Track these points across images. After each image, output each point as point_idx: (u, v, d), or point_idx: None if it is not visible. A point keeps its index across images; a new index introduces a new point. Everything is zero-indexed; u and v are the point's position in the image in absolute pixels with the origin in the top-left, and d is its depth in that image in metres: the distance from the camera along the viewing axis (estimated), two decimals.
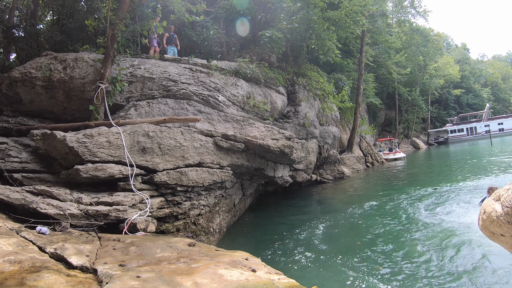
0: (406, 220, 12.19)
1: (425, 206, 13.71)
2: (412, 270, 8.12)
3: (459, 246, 9.18)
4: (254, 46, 20.93)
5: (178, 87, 12.53)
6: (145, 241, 6.82)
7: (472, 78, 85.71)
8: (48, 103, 11.91)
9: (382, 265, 8.56)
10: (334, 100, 25.15)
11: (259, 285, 4.46)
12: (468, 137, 70.29)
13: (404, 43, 48.85)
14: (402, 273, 8.00)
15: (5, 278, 4.10)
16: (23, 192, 7.83)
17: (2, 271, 4.30)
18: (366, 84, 37.58)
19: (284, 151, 13.34)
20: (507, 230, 2.81)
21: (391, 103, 58.64)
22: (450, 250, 8.99)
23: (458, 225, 10.79)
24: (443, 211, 12.60)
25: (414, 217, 12.36)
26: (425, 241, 9.87)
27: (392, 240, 10.35)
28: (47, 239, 6.12)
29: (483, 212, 3.13)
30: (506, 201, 2.67)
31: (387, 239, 10.54)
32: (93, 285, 4.34)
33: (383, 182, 22.76)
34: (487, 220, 3.05)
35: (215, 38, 21.08)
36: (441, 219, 11.66)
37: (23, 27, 16.25)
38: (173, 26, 16.85)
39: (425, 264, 8.38)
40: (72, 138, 8.72)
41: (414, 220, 12.08)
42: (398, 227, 11.61)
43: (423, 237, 10.22)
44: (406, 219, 12.29)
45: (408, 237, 10.43)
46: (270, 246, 10.79)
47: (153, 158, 9.90)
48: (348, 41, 33.48)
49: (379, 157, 36.78)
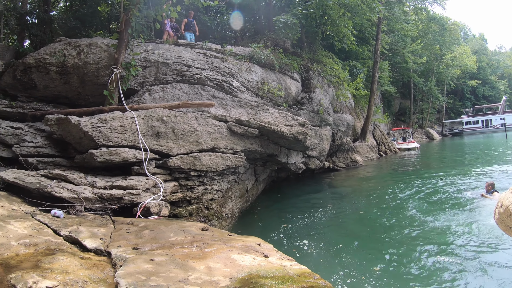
0: (415, 210, 12.03)
1: (436, 196, 13.57)
2: (419, 262, 7.98)
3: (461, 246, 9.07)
4: (268, 31, 20.71)
5: (192, 72, 12.47)
6: (159, 225, 6.83)
7: (489, 69, 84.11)
8: (62, 88, 11.97)
9: (387, 254, 8.47)
10: (348, 87, 24.90)
11: (271, 270, 4.43)
12: (483, 130, 69.20)
13: (420, 32, 48.09)
14: (407, 264, 7.90)
15: (20, 260, 4.13)
16: (38, 176, 7.88)
17: (17, 254, 4.34)
18: (381, 72, 37.05)
19: (297, 138, 13.25)
20: None
21: (406, 92, 57.89)
22: (458, 246, 8.82)
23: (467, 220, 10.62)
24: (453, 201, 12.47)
25: (423, 208, 12.22)
26: (432, 234, 9.69)
27: (402, 230, 10.22)
28: (62, 222, 6.16)
29: (500, 205, 3.03)
30: None
31: (397, 228, 10.43)
32: (107, 268, 4.36)
33: (396, 172, 22.55)
34: (504, 213, 2.96)
35: (229, 23, 20.93)
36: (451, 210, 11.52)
37: (37, 14, 16.29)
38: (193, 12, 16.74)
39: (435, 256, 8.25)
40: (86, 122, 8.73)
41: (423, 210, 11.93)
42: (407, 217, 11.44)
43: (430, 229, 10.03)
44: (415, 209, 12.14)
45: (417, 228, 10.28)
46: (280, 231, 10.76)
47: (167, 143, 9.90)
48: (364, 28, 32.93)
49: (393, 146, 36.41)
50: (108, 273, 4.20)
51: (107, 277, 4.06)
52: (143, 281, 3.73)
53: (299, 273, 4.45)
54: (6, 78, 11.82)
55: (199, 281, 3.94)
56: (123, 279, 3.74)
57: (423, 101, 63.13)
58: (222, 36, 20.54)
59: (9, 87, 11.90)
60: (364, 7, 22.09)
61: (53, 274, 3.71)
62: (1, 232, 4.83)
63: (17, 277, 3.53)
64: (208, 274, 4.21)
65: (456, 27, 63.15)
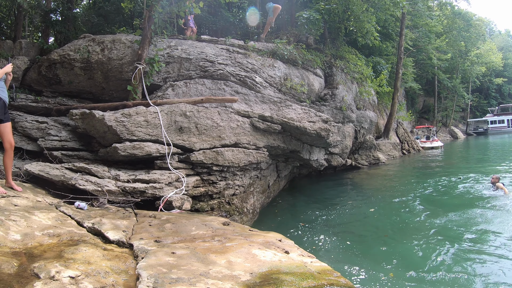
0: (437, 210, 11.78)
1: (457, 195, 13.31)
2: (443, 264, 7.76)
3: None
4: (291, 27, 20.59)
5: (215, 67, 12.47)
6: (181, 218, 6.84)
7: None
8: (86, 83, 12.14)
9: (401, 257, 8.29)
10: (372, 84, 24.57)
11: (292, 267, 4.37)
12: (508, 129, 67.76)
13: (445, 27, 47.07)
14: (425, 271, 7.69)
15: (44, 250, 4.17)
16: (63, 169, 8.00)
17: (41, 244, 4.38)
18: (405, 68, 36.47)
19: (320, 134, 13.14)
20: None
21: (430, 90, 57.02)
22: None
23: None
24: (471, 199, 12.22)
25: (445, 207, 11.98)
26: (457, 233, 9.49)
27: (423, 231, 9.96)
28: (85, 214, 6.22)
29: None
30: None
31: (419, 229, 10.18)
32: (129, 260, 4.37)
33: (419, 171, 22.20)
34: None
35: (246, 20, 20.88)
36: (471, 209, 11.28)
37: (60, 11, 16.58)
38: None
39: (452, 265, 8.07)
40: (110, 117, 8.82)
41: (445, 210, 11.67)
42: (429, 217, 11.17)
43: (452, 234, 9.66)
44: (437, 209, 11.90)
45: (439, 227, 10.05)
46: (300, 228, 10.71)
47: (190, 138, 9.92)
48: (387, 24, 32.48)
49: (416, 145, 35.85)
50: (130, 264, 4.21)
51: (129, 269, 4.07)
52: (164, 274, 3.72)
53: (319, 270, 4.38)
54: (32, 74, 12.03)
55: (220, 275, 3.91)
56: (145, 271, 3.74)
57: (447, 99, 62.07)
58: (244, 32, 20.48)
59: (34, 83, 12.11)
60: (388, 2, 21.77)
61: (76, 264, 3.73)
62: (25, 222, 4.89)
63: (40, 266, 3.56)
64: (229, 268, 4.18)
65: (481, 23, 61.50)
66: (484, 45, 64.73)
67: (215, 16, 20.14)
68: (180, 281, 3.58)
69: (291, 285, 3.68)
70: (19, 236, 4.44)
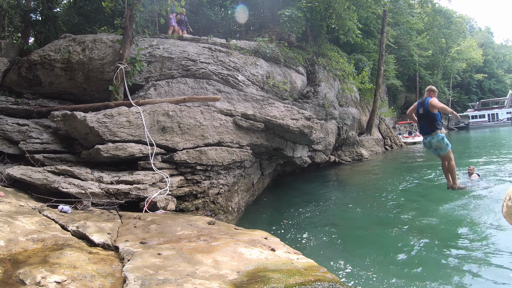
0: (417, 202, 12.07)
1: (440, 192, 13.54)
2: (422, 256, 7.92)
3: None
4: (273, 25, 20.62)
5: (197, 66, 12.45)
6: (166, 219, 6.85)
7: (495, 63, 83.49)
8: (67, 84, 11.97)
9: (386, 250, 8.43)
10: (354, 81, 24.74)
11: (279, 264, 4.43)
12: (489, 124, 69.01)
13: (426, 25, 47.55)
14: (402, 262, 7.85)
15: (28, 256, 4.15)
16: (45, 172, 7.93)
17: (25, 249, 4.36)
18: (387, 65, 36.83)
19: (303, 131, 13.21)
20: None
21: (411, 86, 57.52)
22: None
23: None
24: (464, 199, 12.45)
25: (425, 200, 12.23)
26: (435, 225, 9.73)
27: (404, 224, 10.18)
28: (69, 217, 6.19)
29: (508, 198, 3.00)
30: None
31: (400, 222, 10.38)
32: (115, 262, 4.37)
33: (401, 166, 22.46)
34: None
35: (233, 17, 20.86)
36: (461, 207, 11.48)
37: (40, 11, 16.29)
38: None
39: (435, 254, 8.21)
40: (92, 118, 8.75)
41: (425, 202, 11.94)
42: (409, 210, 11.41)
43: (432, 227, 9.85)
44: (417, 201, 12.17)
45: (419, 219, 10.29)
46: (285, 225, 10.80)
47: (173, 137, 9.90)
48: (369, 21, 32.71)
49: (398, 140, 36.27)
50: (116, 267, 4.21)
51: (115, 271, 4.08)
52: (151, 275, 3.74)
53: (306, 267, 4.44)
54: (11, 75, 11.81)
55: (207, 275, 3.94)
56: (131, 273, 3.75)
57: None
58: (226, 31, 20.46)
59: (14, 85, 11.89)
60: (369, 0, 21.97)
61: (61, 269, 3.73)
62: (9, 228, 4.85)
63: (25, 272, 3.54)
64: (216, 267, 4.21)
65: (462, 20, 62.32)
66: (465, 41, 65.61)
67: (197, 15, 20.07)
68: (167, 282, 3.61)
69: (278, 282, 3.72)
70: (2, 242, 4.40)
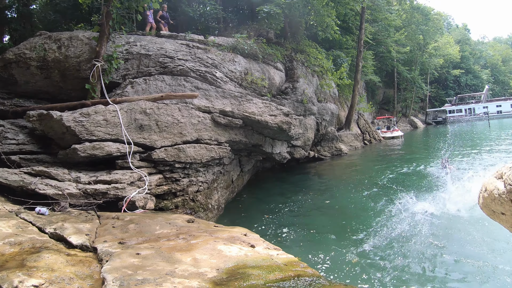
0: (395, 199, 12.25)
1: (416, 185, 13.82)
2: (391, 247, 8.19)
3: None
4: (252, 22, 20.63)
5: (175, 63, 12.39)
6: (144, 218, 6.83)
7: (472, 59, 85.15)
8: (43, 83, 11.79)
9: (365, 242, 8.67)
10: (332, 77, 24.92)
11: (258, 260, 4.48)
12: (466, 118, 70.39)
13: (404, 21, 48.24)
14: (383, 250, 8.11)
15: (5, 260, 4.10)
16: (21, 173, 7.81)
17: (2, 253, 4.30)
18: (365, 61, 37.22)
19: (282, 127, 13.28)
20: (508, 209, 2.80)
21: (389, 82, 58.26)
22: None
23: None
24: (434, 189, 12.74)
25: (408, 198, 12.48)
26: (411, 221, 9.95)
27: (381, 216, 10.49)
28: (47, 219, 6.12)
29: (484, 190, 3.10)
30: (509, 179, 2.65)
31: (376, 215, 10.70)
32: (93, 264, 4.35)
33: (379, 160, 22.87)
34: (488, 198, 3.03)
35: (212, 14, 20.74)
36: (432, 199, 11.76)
37: (16, 8, 16.02)
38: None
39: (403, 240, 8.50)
40: (68, 117, 8.64)
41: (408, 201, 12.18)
42: (386, 204, 11.71)
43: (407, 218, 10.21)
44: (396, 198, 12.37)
45: (395, 216, 10.49)
46: (265, 221, 10.91)
47: (151, 135, 9.86)
48: (347, 18, 32.99)
49: (377, 135, 36.79)
50: (95, 268, 4.20)
51: (94, 273, 4.06)
52: (130, 276, 3.74)
53: (286, 262, 4.50)
54: None
55: (186, 273, 3.96)
56: (110, 274, 3.74)
57: (406, 90, 63.70)
58: (205, 27, 20.34)
59: None
60: None
61: (39, 272, 3.70)
62: None
63: (2, 277, 3.51)
64: (195, 265, 4.24)
65: (440, 17, 63.37)
66: (442, 38, 66.86)
67: (175, 11, 19.92)
68: (146, 282, 3.62)
69: (258, 278, 3.77)
70: None
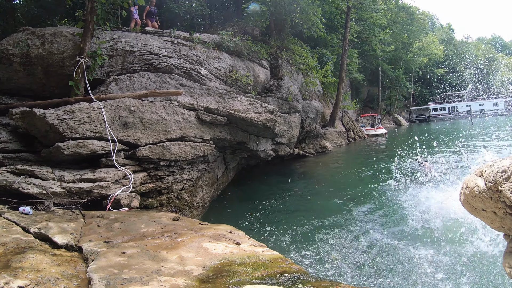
0: (380, 194, 12.51)
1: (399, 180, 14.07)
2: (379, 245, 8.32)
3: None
4: (237, 19, 20.64)
5: (160, 60, 12.32)
6: (129, 216, 6.82)
7: (456, 58, 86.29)
8: (26, 80, 11.57)
9: (347, 238, 8.86)
10: (317, 74, 25.06)
11: (244, 257, 4.52)
12: (449, 116, 71.49)
13: (389, 21, 48.79)
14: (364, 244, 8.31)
15: None
16: (4, 172, 7.71)
17: None
18: (350, 59, 37.47)
19: (266, 125, 13.34)
20: (488, 205, 2.88)
21: (374, 80, 58.72)
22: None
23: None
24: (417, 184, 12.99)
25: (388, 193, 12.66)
26: (394, 215, 10.25)
27: (365, 212, 10.76)
28: (31, 219, 6.07)
29: (465, 187, 3.18)
30: (489, 177, 2.73)
31: (361, 211, 10.95)
32: (79, 263, 4.34)
33: (363, 157, 23.16)
34: (469, 195, 3.10)
35: (197, 10, 20.69)
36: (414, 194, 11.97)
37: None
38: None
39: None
40: (52, 115, 8.53)
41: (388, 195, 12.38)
42: (371, 200, 12.01)
43: (393, 211, 10.58)
44: (380, 193, 12.61)
45: (379, 210, 10.79)
46: (250, 218, 11.01)
47: (135, 133, 9.81)
48: (333, 16, 33.19)
49: (361, 133, 37.13)
50: (80, 268, 4.19)
51: (80, 273, 4.05)
52: (116, 275, 3.75)
53: (271, 259, 4.55)
54: None
55: (172, 271, 3.99)
56: (96, 273, 3.75)
57: (391, 89, 64.33)
58: (190, 24, 20.29)
59: None
60: None
61: (24, 273, 3.68)
62: None
63: None
64: (181, 263, 4.26)
65: (424, 17, 64.36)
66: (426, 37, 67.81)
67: (160, 8, 19.80)
68: (132, 281, 3.63)
69: (244, 275, 3.81)
70: None
